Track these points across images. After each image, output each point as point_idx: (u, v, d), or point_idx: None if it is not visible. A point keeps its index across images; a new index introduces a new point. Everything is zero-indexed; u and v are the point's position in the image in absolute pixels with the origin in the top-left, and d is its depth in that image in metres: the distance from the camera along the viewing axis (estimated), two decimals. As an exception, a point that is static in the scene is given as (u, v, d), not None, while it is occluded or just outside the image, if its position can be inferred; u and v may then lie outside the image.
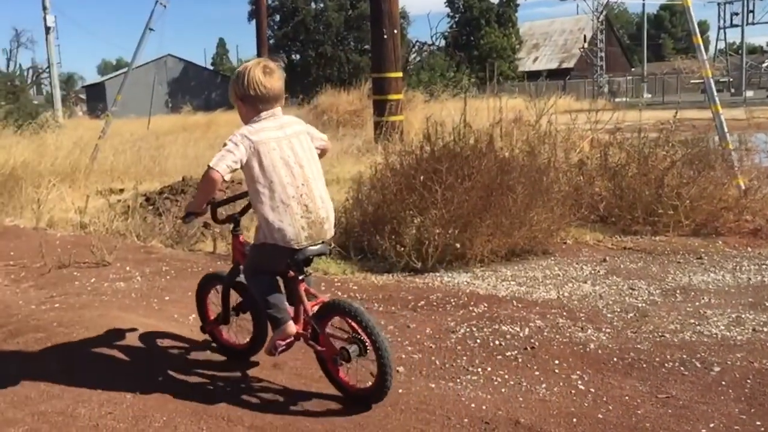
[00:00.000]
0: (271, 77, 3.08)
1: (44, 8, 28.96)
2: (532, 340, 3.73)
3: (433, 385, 3.25)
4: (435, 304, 4.43)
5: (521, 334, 3.83)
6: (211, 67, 70.82)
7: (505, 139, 6.86)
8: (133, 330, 3.91)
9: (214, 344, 3.76)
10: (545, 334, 3.83)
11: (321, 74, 41.09)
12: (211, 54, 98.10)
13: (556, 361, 3.47)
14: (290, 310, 3.20)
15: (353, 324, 3.04)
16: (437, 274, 5.23)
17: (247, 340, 3.66)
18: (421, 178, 5.53)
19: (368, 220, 5.86)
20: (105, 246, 5.53)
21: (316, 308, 3.18)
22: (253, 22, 41.02)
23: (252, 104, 3.09)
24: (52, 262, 5.35)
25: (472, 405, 3.02)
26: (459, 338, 3.81)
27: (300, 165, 3.10)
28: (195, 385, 3.30)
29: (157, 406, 3.10)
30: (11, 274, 5.10)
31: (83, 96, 62.03)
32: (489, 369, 3.41)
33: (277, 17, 44.47)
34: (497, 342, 3.73)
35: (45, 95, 47.81)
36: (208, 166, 2.97)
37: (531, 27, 58.46)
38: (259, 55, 28.20)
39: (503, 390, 3.18)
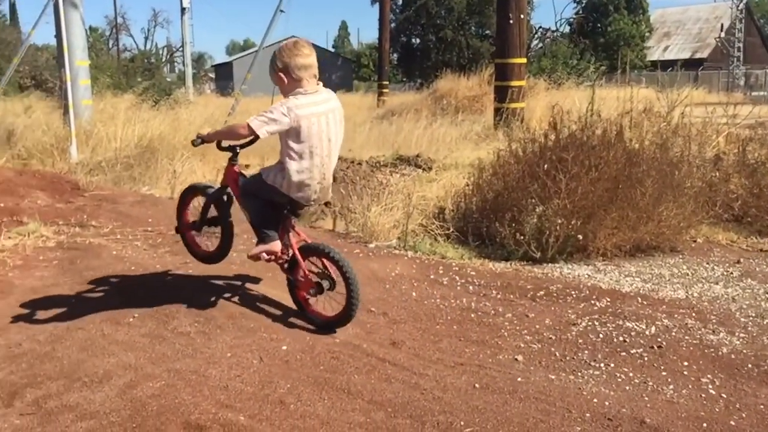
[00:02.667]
0: (302, 48, 3.49)
1: (181, -10, 30.40)
2: (659, 339, 3.59)
3: (552, 377, 3.20)
4: (555, 295, 4.35)
5: (647, 332, 3.69)
6: (333, 50, 72.08)
7: (634, 130, 6.61)
8: (260, 300, 4.08)
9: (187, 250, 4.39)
10: (673, 334, 3.67)
11: (440, 59, 40.88)
12: (332, 36, 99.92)
13: (685, 363, 3.33)
14: None
15: (328, 263, 3.64)
16: (557, 265, 5.13)
17: (213, 249, 4.19)
18: (545, 166, 5.42)
19: (488, 206, 5.82)
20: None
21: (299, 245, 3.73)
22: (376, 5, 41.43)
23: (291, 74, 3.45)
24: (186, 230, 5.64)
25: (594, 400, 2.95)
26: (580, 331, 3.73)
27: (329, 139, 3.53)
28: (317, 356, 3.40)
29: (281, 373, 3.23)
30: (149, 240, 5.43)
31: (212, 75, 64.80)
32: (612, 365, 3.31)
33: (399, 1, 44.59)
34: (621, 338, 3.62)
35: (177, 73, 50.33)
36: (249, 125, 3.37)
37: (663, 14, 55.64)
38: (380, 38, 28.48)
39: (627, 388, 3.08)
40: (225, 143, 3.86)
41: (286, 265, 3.81)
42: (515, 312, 4.06)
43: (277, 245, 3.68)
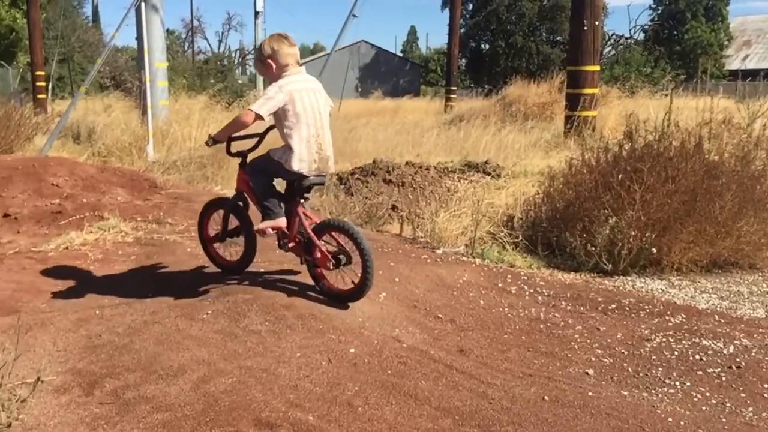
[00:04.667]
0: (286, 39, 3.92)
1: (255, -6, 30.99)
2: (738, 359, 3.47)
3: (625, 393, 3.13)
4: (627, 309, 4.25)
5: (725, 352, 3.57)
6: (401, 54, 72.33)
7: (713, 142, 6.40)
8: (329, 301, 4.11)
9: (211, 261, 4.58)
10: (752, 354, 3.54)
11: (509, 65, 40.51)
12: (401, 41, 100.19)
13: (765, 385, 3.20)
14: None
15: (342, 238, 3.89)
16: (629, 278, 5.02)
17: (237, 258, 4.41)
18: (620, 176, 5.31)
19: (558, 216, 5.74)
20: (303, 219, 5.86)
21: (312, 225, 3.97)
22: (446, 10, 41.32)
23: (277, 60, 3.87)
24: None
25: (669, 419, 2.87)
26: (654, 347, 3.64)
27: (318, 112, 3.91)
28: (384, 361, 3.41)
29: (349, 375, 3.25)
30: (221, 238, 5.55)
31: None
32: (688, 384, 3.22)
33: (470, 6, 44.40)
34: (697, 356, 3.51)
35: (248, 75, 51.35)
36: (250, 108, 3.77)
37: (743, 22, 53.64)
38: (449, 43, 28.40)
39: (704, 408, 2.99)
40: (234, 149, 4.15)
41: (303, 253, 4.06)
42: (585, 324, 3.99)
43: (282, 221, 3.99)
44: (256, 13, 31.90)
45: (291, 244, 4.10)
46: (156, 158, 9.72)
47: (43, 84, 21.90)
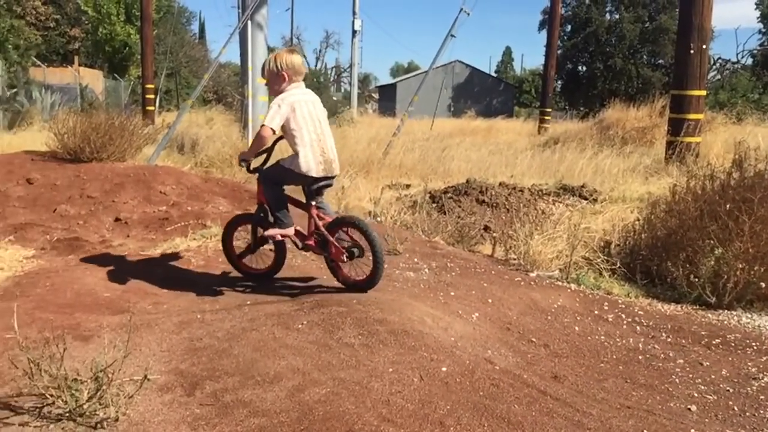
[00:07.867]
0: (297, 55, 4.36)
1: (354, 13, 31.74)
2: None
3: (730, 432, 2.98)
4: (733, 344, 4.06)
5: (842, 397, 3.35)
6: (495, 75, 71.96)
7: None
8: (422, 318, 4.12)
9: (239, 273, 4.91)
10: None
11: (607, 87, 39.63)
12: (496, 61, 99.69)
13: None
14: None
15: (354, 233, 4.29)
16: (734, 312, 4.79)
17: (267, 266, 4.79)
18: (727, 206, 5.09)
19: (659, 244, 5.55)
20: (397, 236, 5.91)
21: (326, 224, 4.36)
22: (543, 31, 40.86)
23: (292, 76, 4.30)
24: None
25: (779, 463, 2.72)
26: (762, 386, 3.45)
27: (318, 120, 4.33)
28: (476, 381, 3.38)
29: (441, 394, 3.24)
30: (316, 251, 5.67)
31: (375, 95, 66.76)
32: (800, 428, 3.04)
33: (568, 27, 43.75)
34: (811, 400, 3.31)
35: (343, 92, 52.36)
36: (263, 123, 4.14)
37: None
38: (546, 65, 28.08)
39: (818, 455, 2.81)
40: (253, 166, 4.53)
41: (321, 250, 4.46)
42: (687, 358, 3.83)
43: (290, 230, 4.44)
44: (354, 32, 32.68)
45: (309, 242, 4.48)
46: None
47: (152, 96, 23.05)
